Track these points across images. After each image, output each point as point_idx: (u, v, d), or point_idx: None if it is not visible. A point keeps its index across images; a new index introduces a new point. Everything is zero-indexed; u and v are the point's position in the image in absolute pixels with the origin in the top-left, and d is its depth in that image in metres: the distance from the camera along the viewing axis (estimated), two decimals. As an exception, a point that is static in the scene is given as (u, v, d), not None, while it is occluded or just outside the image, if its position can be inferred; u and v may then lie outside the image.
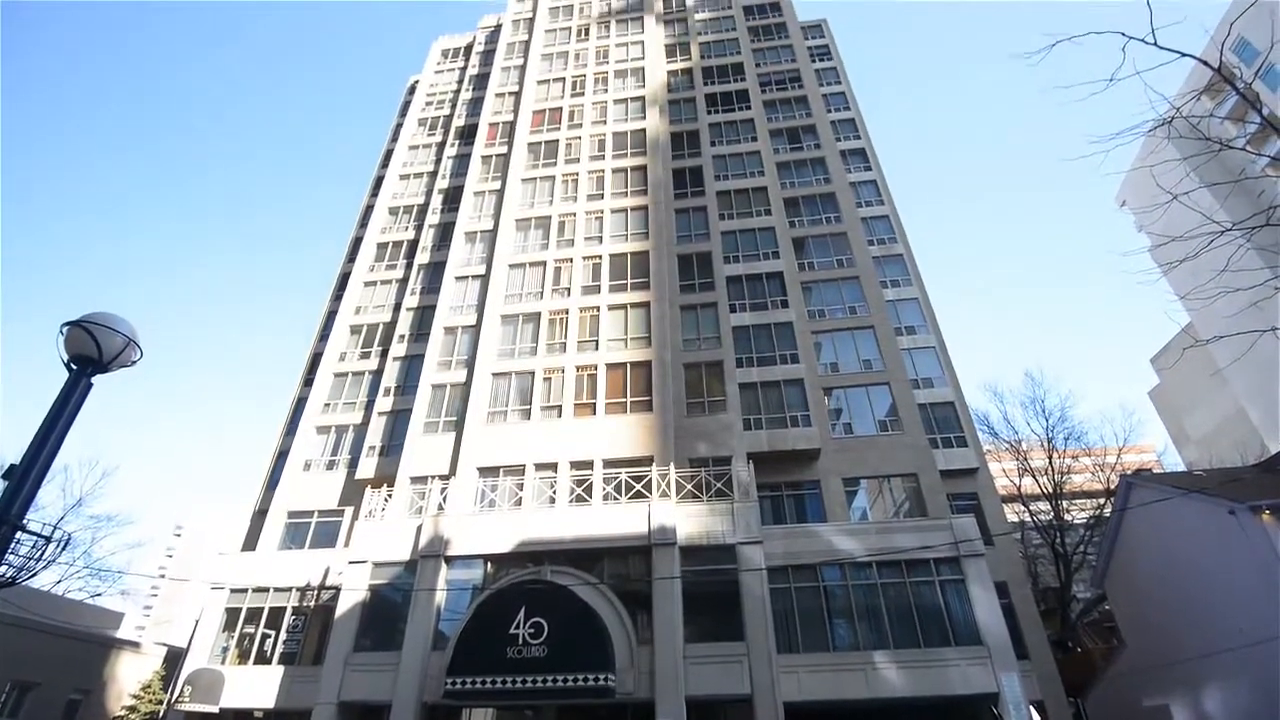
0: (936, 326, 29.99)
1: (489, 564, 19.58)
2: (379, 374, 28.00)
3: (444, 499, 21.17)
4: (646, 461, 21.31)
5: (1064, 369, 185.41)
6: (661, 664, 16.70)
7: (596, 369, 24.17)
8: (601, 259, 27.57)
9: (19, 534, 4.65)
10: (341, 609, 19.26)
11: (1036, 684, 20.70)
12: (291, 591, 20.81)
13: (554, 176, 31.52)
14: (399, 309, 29.90)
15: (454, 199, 33.54)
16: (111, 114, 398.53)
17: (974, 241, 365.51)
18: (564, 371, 24.33)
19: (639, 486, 20.41)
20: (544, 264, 27.99)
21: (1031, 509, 37.69)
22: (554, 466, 22.02)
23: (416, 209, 34.48)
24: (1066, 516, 36.58)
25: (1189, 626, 19.93)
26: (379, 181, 37.69)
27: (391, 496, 21.96)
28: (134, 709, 25.77)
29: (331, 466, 25.92)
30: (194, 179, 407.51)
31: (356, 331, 29.98)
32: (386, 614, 19.32)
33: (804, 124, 36.21)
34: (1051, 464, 36.93)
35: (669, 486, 20.00)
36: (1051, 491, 36.12)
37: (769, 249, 29.66)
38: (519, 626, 17.03)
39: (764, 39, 42.01)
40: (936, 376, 28.27)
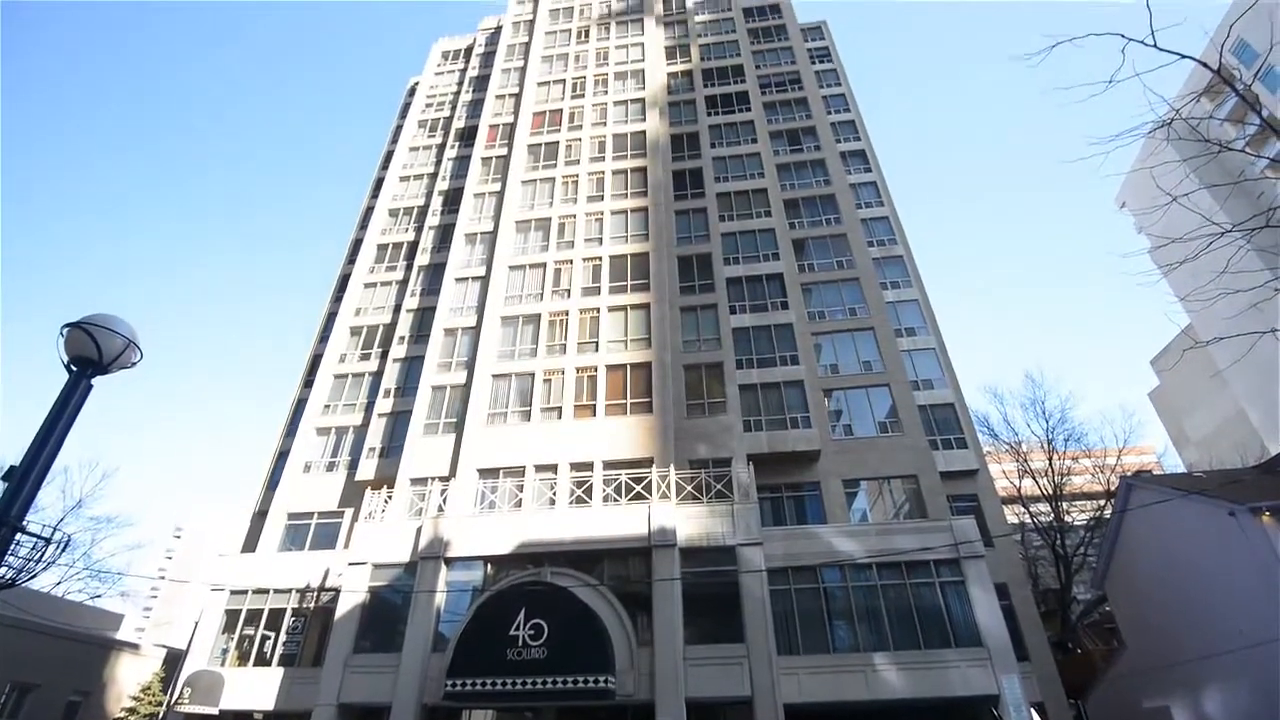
0: (936, 328, 30.02)
1: (489, 565, 19.57)
2: (379, 375, 28.03)
3: (444, 500, 21.16)
4: (646, 463, 21.31)
5: (1064, 370, 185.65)
6: (661, 666, 16.69)
7: (596, 370, 24.17)
8: (601, 260, 27.59)
9: (19, 535, 4.65)
10: (341, 610, 19.25)
11: (1037, 685, 20.71)
12: (291, 593, 20.81)
13: (554, 178, 31.55)
14: (399, 310, 29.94)
15: (454, 201, 33.58)
16: (111, 114, 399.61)
17: (974, 241, 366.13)
18: (564, 373, 24.33)
19: (639, 488, 20.40)
20: (544, 265, 28.02)
21: (1032, 510, 37.69)
22: (554, 468, 22.02)
23: (417, 211, 34.54)
24: (1067, 518, 36.59)
25: (1189, 628, 19.93)
26: (379, 183, 37.75)
27: (391, 498, 21.95)
28: (133, 711, 25.72)
29: (331, 468, 25.94)
30: (194, 179, 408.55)
31: (357, 333, 30.01)
32: (386, 616, 19.30)
33: (804, 126, 36.26)
34: (1051, 465, 36.95)
35: (669, 488, 19.99)
36: (1052, 493, 36.14)
37: (769, 250, 29.69)
38: (519, 628, 17.03)
39: (764, 41, 42.09)
40: (936, 378, 28.31)
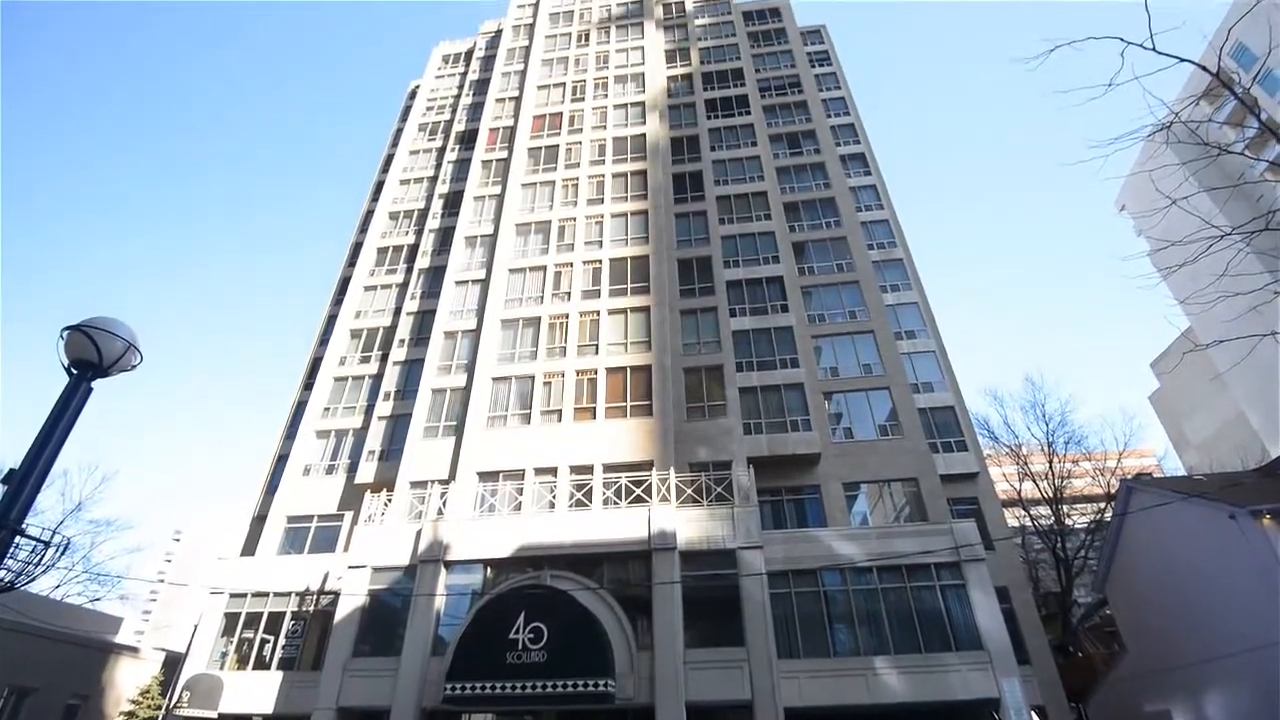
0: (936, 331, 30.02)
1: (489, 569, 19.53)
2: (379, 378, 28.03)
3: (444, 503, 21.14)
4: (646, 466, 21.29)
5: (1064, 372, 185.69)
6: (661, 669, 16.65)
7: (596, 373, 24.17)
8: (601, 263, 27.61)
9: (18, 538, 4.65)
10: (341, 614, 19.21)
11: (1038, 689, 20.61)
12: (290, 596, 20.79)
13: (554, 181, 31.59)
14: (399, 313, 29.96)
15: (454, 204, 33.62)
16: (111, 114, 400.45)
17: (974, 242, 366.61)
18: (564, 376, 24.33)
19: (639, 491, 20.38)
20: (544, 268, 28.03)
21: (1032, 513, 37.63)
22: (554, 471, 22.00)
23: (417, 214, 34.58)
24: (1067, 521, 36.50)
25: (1190, 631, 19.89)
26: (379, 186, 37.81)
27: (391, 501, 21.91)
28: (132, 714, 25.63)
29: (331, 471, 25.92)
30: (194, 179, 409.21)
31: (357, 336, 30.02)
32: (386, 619, 19.26)
33: (804, 129, 36.31)
34: (1052, 468, 36.91)
35: (669, 491, 19.97)
36: (1052, 496, 36.08)
37: (769, 254, 29.70)
38: (519, 631, 17.00)
39: (764, 44, 42.19)
40: (936, 381, 28.30)
